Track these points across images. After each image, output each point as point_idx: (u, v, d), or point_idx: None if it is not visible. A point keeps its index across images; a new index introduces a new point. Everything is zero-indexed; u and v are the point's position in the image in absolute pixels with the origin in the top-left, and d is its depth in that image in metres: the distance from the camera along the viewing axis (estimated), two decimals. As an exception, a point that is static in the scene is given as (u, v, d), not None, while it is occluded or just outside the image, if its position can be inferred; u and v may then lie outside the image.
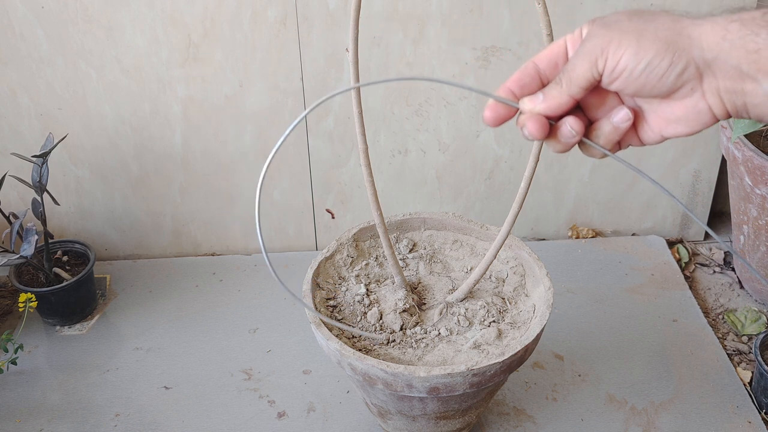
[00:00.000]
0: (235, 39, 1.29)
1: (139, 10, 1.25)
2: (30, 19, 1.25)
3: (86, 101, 1.34)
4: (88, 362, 1.26)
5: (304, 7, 1.26)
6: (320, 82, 1.34)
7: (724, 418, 1.14)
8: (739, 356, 1.27)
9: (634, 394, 1.18)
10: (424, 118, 1.38)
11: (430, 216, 1.11)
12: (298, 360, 1.26)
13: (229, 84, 1.33)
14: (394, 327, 0.96)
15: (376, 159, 1.42)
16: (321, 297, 1.00)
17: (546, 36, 0.80)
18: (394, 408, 0.97)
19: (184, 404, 1.18)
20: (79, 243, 1.37)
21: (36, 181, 1.23)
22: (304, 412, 1.17)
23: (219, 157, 1.41)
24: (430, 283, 1.04)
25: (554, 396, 1.18)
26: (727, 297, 1.40)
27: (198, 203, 1.46)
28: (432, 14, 1.28)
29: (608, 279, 1.41)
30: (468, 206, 1.50)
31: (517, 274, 1.05)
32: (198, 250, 1.52)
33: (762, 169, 1.21)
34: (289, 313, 1.35)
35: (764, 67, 0.47)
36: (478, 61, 1.33)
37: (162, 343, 1.30)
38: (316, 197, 1.47)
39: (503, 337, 0.95)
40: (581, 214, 1.52)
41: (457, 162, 1.44)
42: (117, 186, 1.43)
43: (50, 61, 1.29)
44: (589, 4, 1.29)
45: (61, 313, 1.32)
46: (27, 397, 1.20)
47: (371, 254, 1.09)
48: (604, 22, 0.51)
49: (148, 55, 1.30)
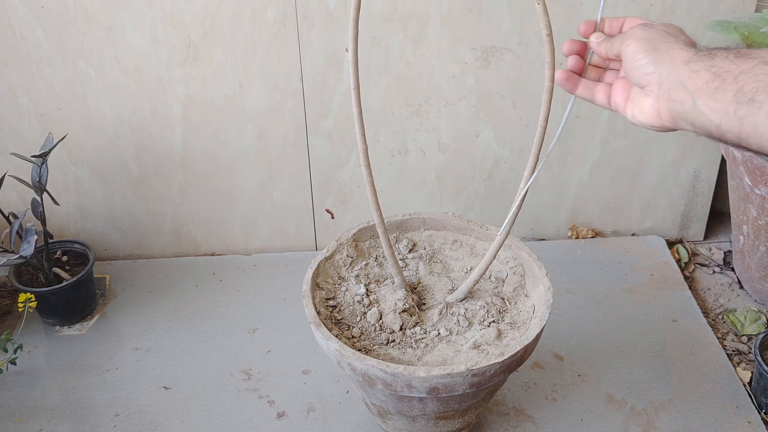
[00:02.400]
0: (234, 39, 1.29)
1: (138, 10, 1.25)
2: (30, 19, 1.25)
3: (86, 101, 1.33)
4: (88, 362, 1.26)
5: (304, 7, 1.26)
6: (320, 82, 1.34)
7: (723, 418, 1.14)
8: (739, 356, 1.27)
9: (634, 394, 1.18)
10: (423, 118, 1.38)
11: (430, 216, 1.11)
12: (297, 360, 1.26)
13: (229, 84, 1.33)
14: (394, 327, 0.96)
15: (375, 159, 1.42)
16: (321, 297, 1.00)
17: (546, 36, 0.80)
18: (393, 408, 0.97)
19: (184, 404, 1.18)
20: (78, 243, 1.37)
21: (35, 181, 1.23)
22: (303, 412, 1.17)
23: (219, 157, 1.41)
24: (430, 283, 1.04)
25: (554, 396, 1.18)
26: (727, 297, 1.40)
27: (198, 203, 1.46)
28: (432, 14, 1.28)
29: (608, 279, 1.41)
30: (468, 206, 1.50)
31: (516, 274, 1.05)
32: (198, 250, 1.52)
33: (761, 170, 1.21)
34: (289, 313, 1.35)
35: (698, 85, 0.61)
36: (478, 61, 1.33)
37: (162, 343, 1.30)
38: (316, 197, 1.47)
39: (503, 338, 0.95)
40: (581, 215, 1.52)
41: (456, 162, 1.44)
42: (117, 186, 1.43)
43: (50, 61, 1.29)
44: (589, 4, 1.29)
45: (60, 313, 1.32)
46: (26, 397, 1.20)
47: (371, 254, 1.09)
48: (645, 27, 0.70)
49: (147, 55, 1.29)
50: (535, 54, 1.32)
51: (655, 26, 0.70)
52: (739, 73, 0.58)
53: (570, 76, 0.79)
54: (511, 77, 1.35)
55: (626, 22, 0.77)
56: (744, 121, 0.57)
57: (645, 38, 0.68)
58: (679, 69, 0.63)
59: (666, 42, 0.67)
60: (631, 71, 0.69)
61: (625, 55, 0.69)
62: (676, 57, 0.65)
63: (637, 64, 0.67)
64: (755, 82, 0.57)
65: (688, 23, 1.32)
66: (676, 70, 0.64)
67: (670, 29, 0.70)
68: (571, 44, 0.79)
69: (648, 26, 0.70)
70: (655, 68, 0.66)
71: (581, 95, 0.79)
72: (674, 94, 0.64)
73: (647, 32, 0.69)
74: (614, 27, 0.77)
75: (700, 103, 0.61)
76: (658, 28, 0.70)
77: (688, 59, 0.63)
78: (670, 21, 1.31)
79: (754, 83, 0.57)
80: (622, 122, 1.42)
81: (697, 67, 0.62)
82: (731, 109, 0.58)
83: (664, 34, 0.68)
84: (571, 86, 0.79)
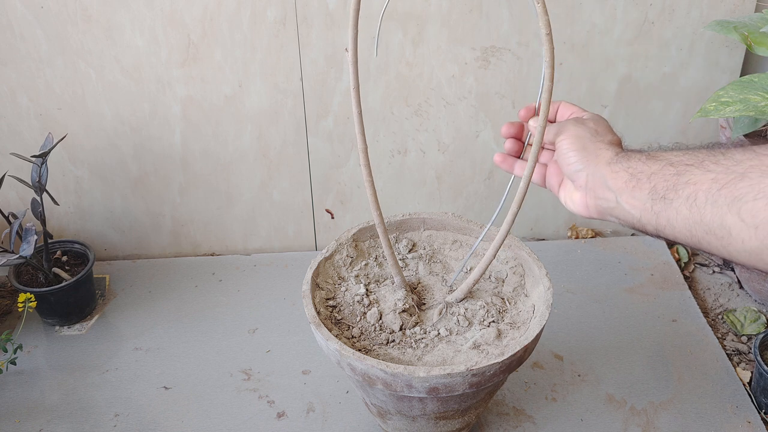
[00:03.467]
0: (234, 39, 1.29)
1: (138, 10, 1.25)
2: (29, 19, 1.25)
3: (85, 101, 1.33)
4: (88, 362, 1.26)
5: (304, 8, 1.26)
6: (320, 82, 1.34)
7: (723, 418, 1.14)
8: (739, 356, 1.27)
9: (634, 394, 1.18)
10: (423, 118, 1.38)
11: (430, 216, 1.11)
12: (297, 360, 1.26)
13: (229, 84, 1.33)
14: (394, 327, 0.96)
15: (375, 159, 1.42)
16: (320, 297, 1.00)
17: (545, 36, 0.80)
18: (393, 408, 0.97)
19: (184, 404, 1.18)
20: (78, 243, 1.37)
21: (35, 181, 1.23)
22: (303, 413, 1.17)
23: (218, 157, 1.41)
24: (430, 283, 1.04)
25: (554, 396, 1.18)
26: (727, 297, 1.40)
27: (197, 203, 1.46)
28: (432, 14, 1.28)
29: (608, 279, 1.41)
30: (467, 206, 1.50)
31: (516, 274, 1.05)
32: (197, 250, 1.52)
33: (761, 169, 1.21)
34: (289, 313, 1.35)
35: (619, 185, 0.69)
36: (478, 61, 1.33)
37: (161, 343, 1.30)
38: (316, 197, 1.47)
39: (503, 338, 0.95)
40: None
41: (456, 162, 1.44)
42: (116, 186, 1.43)
43: (49, 61, 1.29)
44: (588, 4, 1.29)
45: (60, 313, 1.32)
46: (26, 398, 1.20)
47: (371, 254, 1.09)
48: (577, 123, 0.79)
49: (147, 55, 1.29)
50: (535, 54, 1.32)
51: (587, 123, 0.78)
52: (650, 173, 0.66)
53: (506, 158, 0.87)
54: (510, 77, 1.35)
55: (560, 108, 0.85)
56: (659, 216, 0.65)
57: (576, 136, 0.76)
58: (602, 169, 0.72)
59: (594, 142, 0.75)
60: (563, 165, 0.77)
61: (558, 149, 0.78)
62: (601, 157, 0.73)
63: (569, 160, 0.76)
64: (665, 181, 0.65)
65: (688, 23, 1.32)
66: (600, 170, 0.72)
67: (600, 126, 0.78)
68: (509, 127, 0.87)
69: (580, 123, 0.78)
70: (584, 167, 0.74)
71: (518, 174, 0.87)
72: (600, 192, 0.72)
73: (579, 129, 0.77)
74: (551, 112, 0.85)
75: (621, 200, 0.69)
76: (589, 125, 0.78)
77: (609, 160, 0.72)
78: (670, 21, 1.32)
79: (664, 182, 0.65)
80: (621, 122, 1.42)
81: (617, 168, 0.70)
82: (648, 205, 0.66)
83: (594, 132, 0.77)
84: (507, 167, 0.88)
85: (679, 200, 0.62)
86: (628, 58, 1.35)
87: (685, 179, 0.62)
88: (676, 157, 0.66)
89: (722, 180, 0.59)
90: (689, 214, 0.61)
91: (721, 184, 0.58)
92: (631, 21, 1.31)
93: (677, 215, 0.63)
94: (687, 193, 0.62)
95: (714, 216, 0.59)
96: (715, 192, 0.59)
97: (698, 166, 0.62)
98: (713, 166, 0.61)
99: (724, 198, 0.58)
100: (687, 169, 0.63)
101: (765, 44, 1.12)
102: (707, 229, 0.60)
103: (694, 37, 1.34)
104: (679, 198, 0.63)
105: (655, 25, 1.32)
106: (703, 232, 0.60)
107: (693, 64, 1.36)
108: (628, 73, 1.37)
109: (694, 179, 0.62)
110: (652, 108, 1.41)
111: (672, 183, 0.64)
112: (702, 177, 0.61)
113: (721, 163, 0.60)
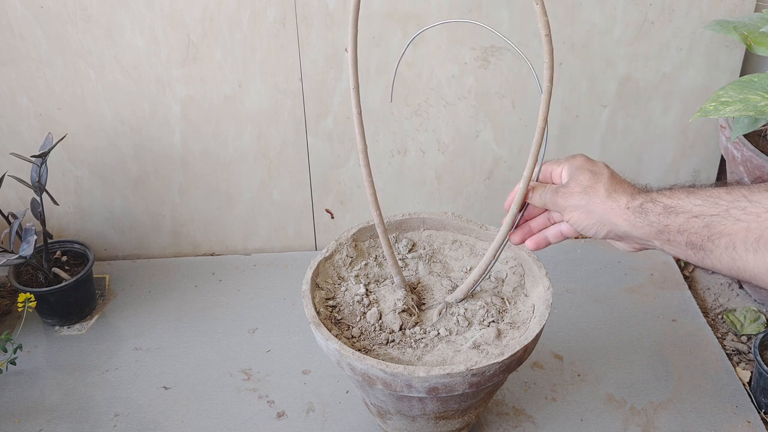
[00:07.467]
0: (234, 39, 1.29)
1: (138, 10, 1.25)
2: (29, 19, 1.25)
3: (85, 101, 1.33)
4: (88, 362, 1.26)
5: (304, 8, 1.26)
6: (319, 82, 1.34)
7: (723, 417, 1.14)
8: (739, 356, 1.27)
9: (634, 394, 1.18)
10: (423, 118, 1.38)
11: (430, 216, 1.11)
12: (297, 360, 1.26)
13: (229, 84, 1.33)
14: (394, 327, 0.96)
15: (375, 159, 1.42)
16: (320, 297, 1.00)
17: (544, 36, 0.80)
18: (393, 408, 0.97)
19: (184, 404, 1.18)
20: (78, 243, 1.37)
21: (35, 181, 1.23)
22: (303, 412, 1.17)
23: (218, 157, 1.41)
24: (430, 283, 1.04)
25: (553, 396, 1.18)
26: (726, 297, 1.40)
27: (197, 203, 1.46)
28: (431, 14, 1.28)
29: (607, 279, 1.41)
30: (467, 206, 1.50)
31: (516, 273, 1.05)
32: (197, 250, 1.52)
33: (761, 169, 1.21)
34: (289, 313, 1.35)
35: (650, 236, 0.74)
36: (478, 61, 1.33)
37: (161, 343, 1.30)
38: (316, 197, 1.47)
39: (502, 337, 0.96)
40: (580, 214, 1.52)
41: (456, 162, 1.44)
42: (116, 186, 1.43)
43: (49, 61, 1.29)
44: (588, 4, 1.29)
45: (60, 313, 1.32)
46: (26, 398, 1.20)
47: (370, 254, 1.09)
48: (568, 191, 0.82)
49: (147, 55, 1.29)
50: (535, 54, 1.32)
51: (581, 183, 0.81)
52: (678, 228, 0.70)
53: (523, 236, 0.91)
54: (510, 77, 1.35)
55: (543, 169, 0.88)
56: (703, 261, 0.70)
57: (584, 209, 0.80)
58: (625, 227, 0.76)
59: (600, 204, 0.79)
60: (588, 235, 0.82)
61: (574, 227, 0.82)
62: (617, 219, 0.77)
63: (589, 233, 0.80)
64: (696, 234, 0.69)
65: (687, 23, 1.32)
66: (622, 229, 0.77)
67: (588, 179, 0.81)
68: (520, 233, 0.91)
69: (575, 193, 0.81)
70: (606, 233, 0.79)
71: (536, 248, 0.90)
72: (637, 244, 0.79)
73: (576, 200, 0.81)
74: (543, 175, 0.88)
75: (660, 246, 0.74)
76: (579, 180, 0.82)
77: (626, 219, 0.76)
78: (669, 21, 1.32)
79: (696, 236, 0.69)
80: (621, 122, 1.42)
81: (639, 224, 0.75)
82: (690, 253, 0.71)
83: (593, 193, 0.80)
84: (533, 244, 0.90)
85: (719, 250, 0.66)
86: (627, 58, 1.35)
87: (718, 230, 0.66)
88: (694, 206, 0.69)
89: (756, 230, 0.63)
90: (732, 263, 0.66)
91: (757, 235, 0.63)
92: (631, 21, 1.31)
93: (720, 263, 0.67)
94: (725, 243, 0.66)
95: (757, 262, 0.63)
96: (753, 242, 0.63)
97: (724, 215, 0.66)
98: (741, 214, 0.65)
99: (764, 246, 0.62)
100: (714, 219, 0.67)
101: (765, 44, 1.12)
102: (752, 275, 0.64)
103: (693, 37, 1.34)
104: (717, 248, 0.67)
105: (654, 25, 1.32)
106: (750, 276, 0.65)
107: (693, 64, 1.36)
108: (628, 73, 1.37)
109: (726, 230, 0.66)
110: (652, 108, 1.41)
111: (706, 234, 0.67)
112: (734, 227, 0.65)
113: (749, 211, 0.64)
